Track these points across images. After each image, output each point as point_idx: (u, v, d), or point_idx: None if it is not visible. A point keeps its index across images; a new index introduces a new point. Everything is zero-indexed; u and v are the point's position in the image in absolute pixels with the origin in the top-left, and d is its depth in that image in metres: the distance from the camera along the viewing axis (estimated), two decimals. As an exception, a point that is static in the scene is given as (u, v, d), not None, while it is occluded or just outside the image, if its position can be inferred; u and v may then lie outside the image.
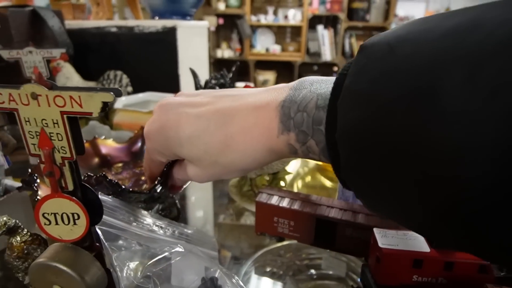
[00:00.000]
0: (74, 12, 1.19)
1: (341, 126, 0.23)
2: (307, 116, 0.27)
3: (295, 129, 0.28)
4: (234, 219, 0.62)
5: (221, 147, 0.31)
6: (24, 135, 0.26)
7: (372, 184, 0.23)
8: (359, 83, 0.22)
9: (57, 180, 0.27)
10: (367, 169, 0.22)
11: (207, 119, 0.31)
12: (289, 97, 0.29)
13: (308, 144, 0.28)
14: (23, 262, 0.37)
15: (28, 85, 0.24)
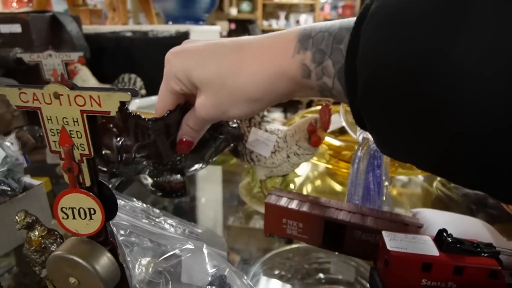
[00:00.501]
0: (91, 17, 1.22)
1: (363, 50, 0.23)
2: (328, 35, 0.27)
3: (313, 47, 0.28)
4: (243, 222, 0.63)
5: (233, 69, 0.31)
6: (46, 132, 0.27)
7: (389, 113, 0.22)
8: (386, 5, 0.21)
9: (76, 176, 0.28)
10: (385, 95, 0.22)
11: (223, 44, 0.32)
12: (311, 25, 0.29)
13: (324, 64, 0.27)
14: (41, 256, 0.38)
15: (51, 85, 0.25)
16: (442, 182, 0.67)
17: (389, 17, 0.21)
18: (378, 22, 0.22)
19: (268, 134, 0.56)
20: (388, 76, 0.21)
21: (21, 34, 0.81)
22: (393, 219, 0.46)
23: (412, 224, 0.45)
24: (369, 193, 0.52)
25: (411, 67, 0.19)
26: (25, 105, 0.27)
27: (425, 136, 0.21)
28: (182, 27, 1.02)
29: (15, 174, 0.51)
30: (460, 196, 0.63)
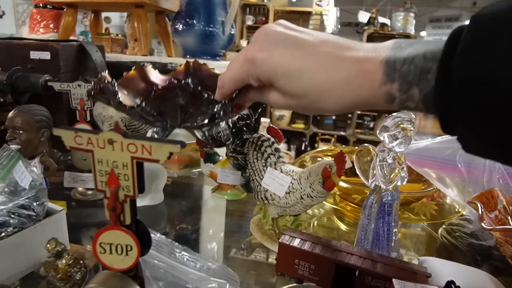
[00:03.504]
0: (112, 46, 1.28)
1: (459, 80, 0.26)
2: (414, 68, 0.30)
3: (400, 79, 0.31)
4: (244, 254, 0.64)
5: (321, 90, 0.34)
6: (95, 172, 0.30)
7: (483, 126, 0.26)
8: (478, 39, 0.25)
9: (117, 214, 0.30)
10: (481, 114, 0.25)
11: (312, 60, 0.34)
12: (393, 54, 0.31)
13: (410, 92, 0.30)
14: (65, 284, 0.40)
15: (106, 132, 0.28)
16: (447, 230, 0.69)
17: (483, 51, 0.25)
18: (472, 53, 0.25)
19: (283, 175, 0.58)
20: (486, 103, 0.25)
21: (49, 61, 0.86)
22: (402, 266, 0.47)
23: (420, 273, 0.46)
24: (379, 238, 0.53)
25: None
26: (78, 147, 0.30)
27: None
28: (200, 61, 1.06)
29: (39, 199, 0.53)
30: (465, 246, 0.64)
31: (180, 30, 1.12)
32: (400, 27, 3.95)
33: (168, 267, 0.38)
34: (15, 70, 0.77)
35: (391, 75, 0.31)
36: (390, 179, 0.50)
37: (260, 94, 0.39)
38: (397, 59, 0.31)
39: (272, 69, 0.35)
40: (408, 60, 0.30)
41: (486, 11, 0.26)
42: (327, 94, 0.34)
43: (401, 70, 0.30)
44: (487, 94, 0.25)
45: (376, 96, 0.32)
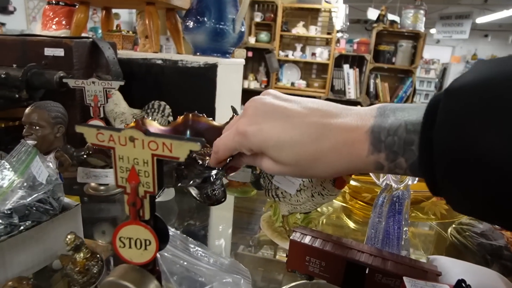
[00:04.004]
0: (123, 43, 1.29)
1: (439, 151, 0.28)
2: (398, 139, 0.32)
3: (386, 149, 0.32)
4: (252, 250, 0.65)
5: (311, 159, 0.35)
6: (116, 169, 0.31)
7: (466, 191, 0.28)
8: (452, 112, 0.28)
9: (137, 210, 0.31)
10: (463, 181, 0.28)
11: (301, 131, 0.35)
12: (377, 124, 0.33)
13: (397, 161, 0.32)
14: (83, 277, 0.41)
15: (127, 129, 0.29)
16: (457, 230, 0.69)
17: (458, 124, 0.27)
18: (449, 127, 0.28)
19: (294, 173, 0.59)
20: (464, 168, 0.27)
21: (63, 57, 0.87)
22: (412, 265, 0.48)
23: (431, 272, 0.47)
24: (389, 237, 0.54)
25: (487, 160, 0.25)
26: (100, 144, 0.30)
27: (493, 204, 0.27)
28: (211, 59, 1.07)
29: (56, 194, 0.54)
30: (475, 246, 0.64)
31: (191, 28, 1.13)
32: (410, 25, 3.92)
33: (183, 262, 0.39)
34: (30, 67, 0.79)
35: (377, 146, 0.33)
36: (401, 177, 0.51)
37: (253, 160, 0.41)
38: (381, 129, 0.33)
39: (263, 141, 0.36)
40: (391, 131, 0.32)
41: (456, 84, 0.28)
42: (318, 162, 0.35)
43: (386, 141, 0.32)
44: (465, 165, 0.27)
45: (365, 164, 0.34)
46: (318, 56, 4.32)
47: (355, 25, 5.24)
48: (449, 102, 0.28)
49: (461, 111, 0.27)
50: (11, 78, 0.78)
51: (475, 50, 9.09)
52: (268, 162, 0.38)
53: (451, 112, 0.28)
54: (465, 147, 0.26)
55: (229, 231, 0.75)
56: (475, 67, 0.28)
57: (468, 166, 0.27)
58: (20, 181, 0.47)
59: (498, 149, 0.25)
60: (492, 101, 0.26)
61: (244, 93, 1.64)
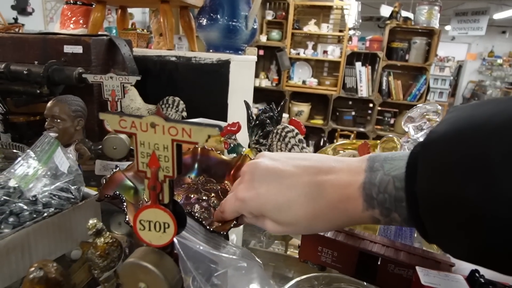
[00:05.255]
0: (138, 41, 1.32)
1: (423, 204, 0.30)
2: (388, 197, 0.33)
3: (379, 206, 0.34)
4: (263, 246, 0.66)
5: (310, 217, 0.37)
6: (137, 154, 0.32)
7: (453, 239, 0.30)
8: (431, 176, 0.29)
9: (157, 194, 0.32)
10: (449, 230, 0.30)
11: (297, 192, 0.37)
12: (367, 180, 0.35)
13: (391, 216, 0.34)
14: (103, 261, 0.43)
15: (149, 116, 0.30)
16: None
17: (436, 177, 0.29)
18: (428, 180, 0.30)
19: (307, 165, 0.59)
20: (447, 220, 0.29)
21: (81, 54, 0.90)
22: (425, 255, 0.48)
23: (444, 262, 0.47)
24: (402, 228, 0.54)
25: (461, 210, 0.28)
26: (122, 130, 0.32)
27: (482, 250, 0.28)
28: (224, 55, 1.09)
29: (76, 183, 0.56)
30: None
31: (204, 25, 1.15)
32: (424, 21, 3.86)
33: (199, 247, 0.40)
34: (51, 63, 0.81)
35: (370, 203, 0.35)
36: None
37: (256, 221, 0.42)
38: (372, 186, 0.34)
39: (262, 205, 0.39)
40: (381, 188, 0.34)
41: (431, 137, 0.30)
42: (317, 220, 0.37)
43: (378, 198, 0.34)
44: (450, 214, 0.28)
45: (362, 219, 0.36)
46: (329, 54, 4.30)
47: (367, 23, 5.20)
48: (425, 156, 0.30)
49: (436, 164, 0.29)
50: (33, 74, 0.80)
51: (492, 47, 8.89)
52: (270, 223, 0.39)
53: (428, 166, 0.30)
54: (446, 199, 0.28)
55: (240, 227, 0.76)
56: (447, 117, 0.31)
57: (452, 216, 0.28)
58: (44, 170, 0.49)
59: (475, 198, 0.26)
60: (463, 153, 0.27)
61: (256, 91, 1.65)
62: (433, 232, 0.31)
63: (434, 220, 0.30)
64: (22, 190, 0.45)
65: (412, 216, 0.32)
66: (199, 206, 0.66)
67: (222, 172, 0.70)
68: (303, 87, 4.42)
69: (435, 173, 0.29)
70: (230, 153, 0.84)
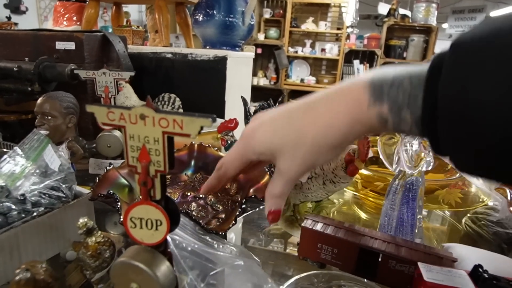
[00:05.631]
0: (133, 38, 1.30)
1: (443, 103, 0.27)
2: (402, 92, 0.30)
3: (389, 101, 0.31)
4: (262, 244, 0.64)
5: (310, 126, 0.34)
6: (126, 148, 0.30)
7: (469, 145, 0.27)
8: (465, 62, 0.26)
9: (148, 189, 0.31)
10: (466, 135, 0.26)
11: (296, 108, 0.35)
12: (377, 76, 0.32)
13: (402, 115, 0.30)
14: (95, 261, 0.41)
15: (138, 107, 0.29)
16: (472, 219, 0.68)
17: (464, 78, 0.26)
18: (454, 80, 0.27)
19: (305, 160, 0.58)
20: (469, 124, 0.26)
21: (74, 51, 0.88)
22: (427, 251, 0.47)
23: (446, 258, 0.46)
24: (403, 224, 0.53)
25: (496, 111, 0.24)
26: (111, 123, 0.30)
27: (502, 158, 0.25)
28: (221, 52, 1.07)
29: (68, 182, 0.55)
30: (491, 235, 0.63)
31: (200, 21, 1.13)
32: (422, 19, 3.86)
33: (194, 245, 0.39)
34: (42, 60, 0.80)
35: (379, 96, 0.31)
36: (415, 163, 0.50)
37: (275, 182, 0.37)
38: (383, 81, 0.31)
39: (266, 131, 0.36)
40: (395, 82, 0.31)
41: (463, 38, 0.27)
42: (316, 128, 0.34)
43: (389, 92, 0.31)
44: (471, 119, 0.26)
45: (368, 118, 0.32)
46: (328, 52, 4.29)
47: (365, 21, 5.18)
48: (455, 55, 0.27)
49: (467, 64, 0.26)
50: (23, 71, 0.79)
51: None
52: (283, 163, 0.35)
53: (456, 65, 0.27)
54: (470, 100, 0.25)
55: (239, 226, 0.75)
56: (483, 22, 0.27)
57: (473, 120, 0.26)
58: (33, 168, 0.47)
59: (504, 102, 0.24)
60: (500, 54, 0.24)
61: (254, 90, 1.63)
62: (446, 137, 0.28)
63: (453, 123, 0.27)
64: (9, 189, 0.43)
65: (426, 116, 0.29)
66: (196, 204, 0.64)
67: None
68: (301, 85, 4.41)
69: (464, 73, 0.26)
70: (227, 150, 0.83)
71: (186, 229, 0.42)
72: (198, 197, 0.66)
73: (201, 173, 0.70)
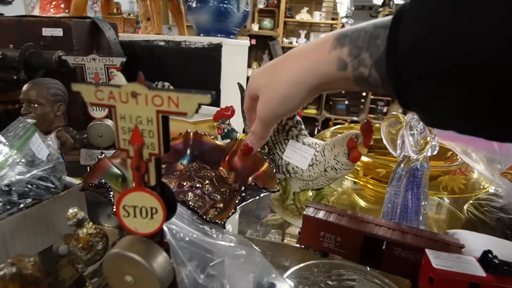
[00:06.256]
0: (124, 26, 1.26)
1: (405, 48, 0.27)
2: (364, 33, 0.32)
3: (350, 43, 0.32)
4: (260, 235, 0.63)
5: (278, 69, 0.38)
6: (117, 130, 0.28)
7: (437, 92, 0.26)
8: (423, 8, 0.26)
9: (142, 174, 0.28)
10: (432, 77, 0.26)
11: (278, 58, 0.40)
12: (346, 28, 0.34)
13: (361, 57, 0.32)
14: (86, 254, 0.39)
15: (129, 84, 0.26)
16: (475, 205, 0.66)
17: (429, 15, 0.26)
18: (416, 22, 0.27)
19: (306, 147, 0.56)
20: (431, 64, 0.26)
21: (62, 38, 0.84)
22: (433, 238, 0.45)
23: (453, 244, 0.44)
24: (407, 211, 0.51)
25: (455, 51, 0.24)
26: (99, 103, 0.28)
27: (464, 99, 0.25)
28: (215, 39, 1.04)
29: (57, 172, 0.52)
30: (494, 221, 0.62)
31: (194, 7, 1.09)
32: (415, 8, 3.83)
33: (192, 234, 0.37)
34: (27, 46, 0.76)
35: (341, 40, 0.33)
36: (420, 147, 0.48)
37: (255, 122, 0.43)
38: (349, 29, 0.34)
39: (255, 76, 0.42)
40: (359, 27, 0.33)
41: None
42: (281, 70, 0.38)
43: (351, 35, 0.33)
44: (438, 57, 0.25)
45: (327, 63, 0.34)
46: (322, 43, 4.26)
47: (359, 12, 5.13)
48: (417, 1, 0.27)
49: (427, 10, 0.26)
50: (8, 59, 0.75)
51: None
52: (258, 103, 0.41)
53: (417, 10, 0.27)
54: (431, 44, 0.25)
55: (235, 217, 0.73)
56: None
57: (441, 58, 0.25)
58: (18, 157, 0.44)
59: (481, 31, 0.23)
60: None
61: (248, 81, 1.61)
62: (410, 81, 0.28)
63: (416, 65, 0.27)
64: (-8, 178, 0.40)
65: (389, 57, 0.29)
66: (193, 194, 0.62)
67: (216, 158, 0.66)
68: (295, 76, 4.37)
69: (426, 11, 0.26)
70: (224, 138, 0.80)
71: (183, 218, 0.40)
72: (194, 186, 0.63)
73: (197, 162, 0.68)
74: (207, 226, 0.43)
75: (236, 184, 0.61)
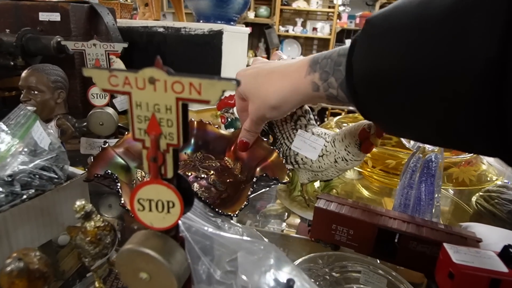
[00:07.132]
0: (121, 11, 1.22)
1: (357, 74, 0.34)
2: (330, 61, 0.39)
3: (320, 69, 0.40)
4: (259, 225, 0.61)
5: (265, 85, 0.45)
6: (132, 119, 0.26)
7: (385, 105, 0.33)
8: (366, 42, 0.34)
9: (159, 166, 0.27)
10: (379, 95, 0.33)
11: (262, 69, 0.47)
12: (318, 54, 0.42)
13: (329, 81, 0.39)
14: (94, 248, 0.37)
15: (147, 69, 0.24)
16: (484, 198, 0.66)
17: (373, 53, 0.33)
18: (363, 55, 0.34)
19: (316, 137, 0.54)
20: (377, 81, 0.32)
21: (59, 22, 0.81)
22: (449, 231, 0.44)
23: (470, 238, 0.43)
24: (420, 203, 0.50)
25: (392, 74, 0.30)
26: (113, 89, 0.26)
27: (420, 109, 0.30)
28: (216, 26, 1.01)
29: (60, 162, 0.50)
30: (505, 213, 0.61)
31: (193, -7, 1.06)
32: (414, -3, 3.79)
33: (207, 229, 0.35)
34: (25, 31, 0.73)
35: (313, 67, 0.41)
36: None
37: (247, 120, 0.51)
38: (320, 56, 0.41)
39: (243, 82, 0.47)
40: (327, 55, 0.40)
41: (374, 15, 0.33)
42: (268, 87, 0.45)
43: (321, 63, 0.40)
44: (377, 81, 0.31)
45: (304, 85, 0.41)
46: (319, 31, 4.22)
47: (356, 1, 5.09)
48: (366, 29, 0.33)
49: (369, 34, 0.32)
50: (4, 44, 0.72)
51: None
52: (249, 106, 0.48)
53: (365, 36, 0.33)
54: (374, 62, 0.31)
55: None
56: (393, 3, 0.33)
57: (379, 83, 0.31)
58: (20, 146, 0.42)
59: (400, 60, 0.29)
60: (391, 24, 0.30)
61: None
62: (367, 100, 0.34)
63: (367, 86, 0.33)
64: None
65: (348, 82, 0.36)
66: (198, 185, 0.60)
67: (221, 148, 0.64)
68: (292, 65, 4.34)
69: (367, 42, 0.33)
70: (227, 128, 0.78)
71: (195, 211, 0.39)
72: (200, 177, 0.62)
73: (201, 151, 0.66)
74: (219, 219, 0.41)
75: (242, 175, 0.59)
